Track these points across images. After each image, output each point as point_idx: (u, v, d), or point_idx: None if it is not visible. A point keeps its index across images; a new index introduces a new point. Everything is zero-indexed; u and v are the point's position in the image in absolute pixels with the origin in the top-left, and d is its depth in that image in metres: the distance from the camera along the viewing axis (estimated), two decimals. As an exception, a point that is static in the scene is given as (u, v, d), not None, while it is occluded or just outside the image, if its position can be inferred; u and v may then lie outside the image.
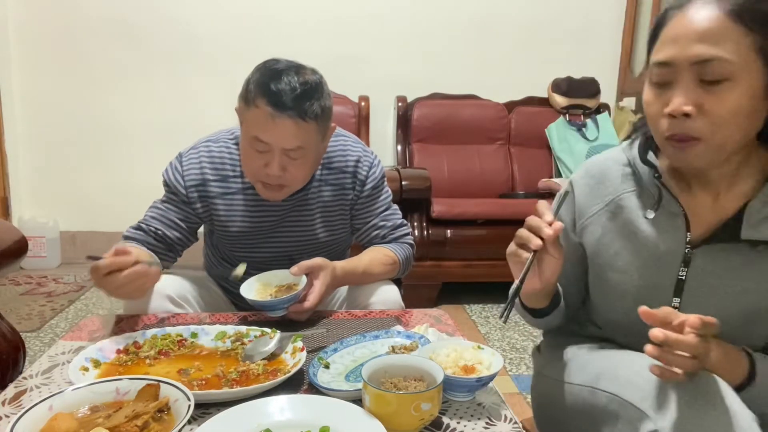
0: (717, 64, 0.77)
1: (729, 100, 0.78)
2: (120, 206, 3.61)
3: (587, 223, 1.00)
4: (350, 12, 3.70)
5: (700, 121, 0.80)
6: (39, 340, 2.52)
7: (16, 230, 1.64)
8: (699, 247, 0.89)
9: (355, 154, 1.41)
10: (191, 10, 3.62)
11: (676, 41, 0.80)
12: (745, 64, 0.77)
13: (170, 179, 1.36)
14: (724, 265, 0.88)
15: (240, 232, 1.38)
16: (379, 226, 1.45)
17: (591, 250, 1.00)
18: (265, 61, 1.27)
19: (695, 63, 0.79)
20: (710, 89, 0.79)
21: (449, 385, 0.89)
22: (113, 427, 0.76)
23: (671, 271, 0.91)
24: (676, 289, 0.91)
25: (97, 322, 1.24)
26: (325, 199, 1.40)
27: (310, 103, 1.20)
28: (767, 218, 0.85)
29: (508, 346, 2.58)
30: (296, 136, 1.21)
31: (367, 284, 1.39)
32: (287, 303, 1.20)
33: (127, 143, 3.72)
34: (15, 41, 3.59)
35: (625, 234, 0.95)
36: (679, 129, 0.81)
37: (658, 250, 0.92)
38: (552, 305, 1.02)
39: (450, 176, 3.49)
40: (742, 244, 0.86)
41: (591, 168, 1.02)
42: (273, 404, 0.85)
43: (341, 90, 3.60)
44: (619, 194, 0.97)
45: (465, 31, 3.78)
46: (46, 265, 3.64)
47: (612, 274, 0.97)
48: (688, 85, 0.80)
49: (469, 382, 0.89)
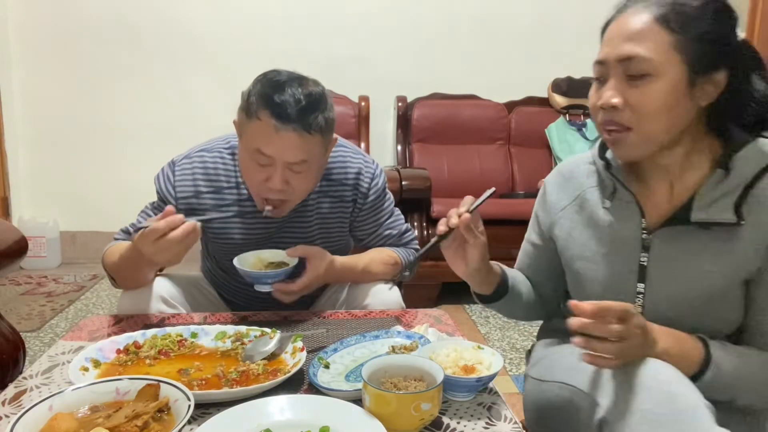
0: (638, 61, 0.86)
1: (650, 94, 0.87)
2: (120, 206, 3.59)
3: (557, 218, 1.08)
4: (350, 12, 3.69)
5: (627, 113, 0.89)
6: (39, 340, 2.52)
7: (16, 230, 1.64)
8: (655, 233, 0.95)
9: (355, 166, 1.38)
10: (191, 10, 3.62)
11: (610, 42, 0.90)
12: (666, 61, 0.86)
13: (161, 188, 1.33)
14: (681, 249, 0.93)
15: (235, 244, 1.34)
16: (385, 236, 1.45)
17: (561, 243, 1.08)
18: (266, 73, 1.23)
19: (621, 60, 0.88)
20: (634, 84, 0.88)
21: (449, 385, 0.89)
22: (113, 427, 0.76)
23: (633, 257, 0.97)
24: (640, 275, 0.97)
25: (97, 322, 1.24)
26: (323, 211, 1.37)
27: (314, 116, 1.17)
28: (716, 201, 0.90)
29: (508, 346, 2.58)
30: (300, 149, 1.18)
31: (367, 283, 1.38)
32: (273, 278, 1.19)
33: (127, 143, 3.72)
34: (15, 41, 3.59)
35: (590, 225, 1.03)
36: (608, 118, 0.91)
37: (618, 238, 0.99)
38: (498, 294, 1.09)
39: (450, 176, 3.49)
40: (696, 228, 0.92)
41: (562, 168, 1.12)
42: (273, 404, 0.85)
43: (341, 90, 3.60)
44: (584, 189, 1.05)
45: (465, 31, 3.78)
46: (46, 265, 3.64)
47: (581, 263, 1.03)
48: (617, 80, 0.89)
49: (469, 382, 0.89)
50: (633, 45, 0.87)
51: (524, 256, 1.20)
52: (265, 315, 1.29)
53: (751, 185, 0.89)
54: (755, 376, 0.90)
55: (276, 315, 1.29)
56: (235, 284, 1.44)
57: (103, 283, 3.35)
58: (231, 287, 1.46)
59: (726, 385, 0.88)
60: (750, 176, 0.89)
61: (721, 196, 0.90)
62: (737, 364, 0.89)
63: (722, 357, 0.88)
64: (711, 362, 0.87)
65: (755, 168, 0.89)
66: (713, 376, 0.87)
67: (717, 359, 0.88)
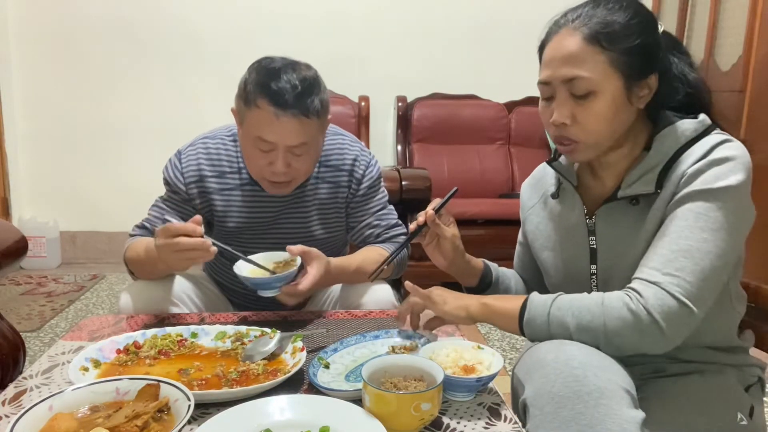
0: (581, 81, 0.93)
1: (595, 110, 0.94)
2: (120, 206, 3.61)
3: (528, 215, 1.19)
4: (350, 12, 3.70)
5: (575, 128, 0.97)
6: (39, 340, 2.52)
7: (16, 230, 1.64)
8: (595, 215, 1.03)
9: (352, 153, 1.42)
10: (191, 10, 3.62)
11: (550, 64, 0.98)
12: (604, 77, 0.93)
13: (170, 177, 1.37)
14: (619, 227, 1.01)
15: (236, 228, 1.38)
16: (374, 225, 1.45)
17: (531, 236, 1.18)
18: (259, 60, 1.27)
19: (564, 81, 0.95)
20: (580, 102, 0.95)
21: (449, 385, 0.89)
22: (113, 427, 0.76)
23: (583, 241, 1.06)
24: (591, 258, 1.05)
25: (97, 322, 1.24)
26: (321, 197, 1.41)
27: (311, 100, 1.21)
28: (639, 178, 0.97)
29: (508, 346, 2.58)
30: (300, 133, 1.22)
31: (360, 283, 1.38)
32: (280, 282, 1.20)
33: (127, 143, 3.72)
34: (15, 41, 3.59)
35: (550, 218, 1.13)
36: (560, 134, 0.99)
37: (569, 225, 1.09)
38: (483, 286, 1.19)
39: (450, 176, 3.49)
40: (626, 205, 0.99)
41: (536, 171, 1.23)
42: (273, 404, 0.86)
43: (341, 90, 3.60)
44: (547, 188, 1.16)
45: (465, 31, 3.79)
46: (46, 265, 3.64)
47: (546, 253, 1.13)
48: (563, 99, 0.96)
49: (469, 382, 0.90)
50: (571, 67, 0.94)
51: (516, 255, 1.28)
52: (265, 315, 1.29)
53: (673, 160, 0.96)
54: (573, 302, 0.93)
55: (276, 315, 1.29)
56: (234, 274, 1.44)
57: (103, 283, 3.35)
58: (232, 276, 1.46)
59: (549, 318, 0.93)
60: (669, 154, 0.96)
61: (644, 173, 0.97)
62: (558, 299, 0.94)
63: (539, 296, 0.96)
64: (527, 300, 0.96)
65: (672, 146, 0.96)
66: (532, 310, 0.94)
67: (533, 297, 0.96)
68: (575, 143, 0.98)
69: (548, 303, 0.94)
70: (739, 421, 0.95)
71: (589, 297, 0.92)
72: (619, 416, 0.79)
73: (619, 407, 0.80)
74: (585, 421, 0.79)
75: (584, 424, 0.79)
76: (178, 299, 1.33)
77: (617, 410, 0.80)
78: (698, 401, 0.95)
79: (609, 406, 0.80)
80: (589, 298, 0.92)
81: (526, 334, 0.96)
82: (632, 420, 0.80)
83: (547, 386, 0.84)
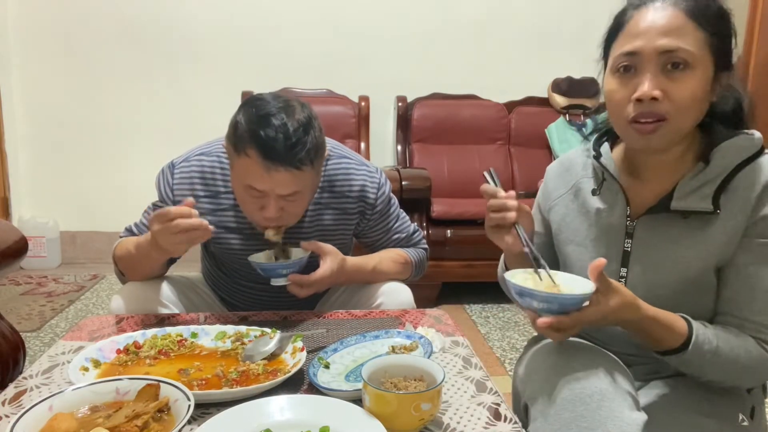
0: (680, 53, 0.89)
1: (689, 86, 0.89)
2: (120, 206, 3.61)
3: (554, 204, 1.14)
4: (351, 12, 3.70)
5: (666, 104, 0.90)
6: (39, 340, 2.52)
7: (16, 230, 1.64)
8: (638, 220, 1.00)
9: (359, 178, 1.36)
10: (192, 10, 3.62)
11: (643, 34, 0.91)
12: (700, 55, 0.89)
13: (160, 189, 1.33)
14: (661, 235, 0.98)
15: (232, 249, 1.34)
16: (394, 240, 1.45)
17: (555, 227, 1.13)
18: (251, 100, 1.19)
19: (661, 53, 0.89)
20: (673, 76, 0.90)
21: (559, 304, 0.83)
22: (113, 427, 0.76)
23: (618, 242, 1.02)
24: (623, 260, 1.02)
25: (97, 322, 1.24)
26: (324, 223, 1.35)
27: (305, 151, 1.14)
28: (695, 191, 0.94)
29: (508, 346, 2.58)
30: (292, 184, 1.16)
31: (379, 283, 1.37)
32: (288, 269, 1.21)
33: (127, 143, 3.72)
34: (15, 41, 3.59)
35: (582, 212, 1.08)
36: (646, 109, 0.91)
37: (605, 224, 1.04)
38: None
39: (450, 176, 3.49)
40: (675, 216, 0.96)
41: (563, 159, 1.18)
42: (273, 404, 0.85)
43: (341, 90, 3.60)
44: (579, 179, 1.11)
45: (465, 31, 3.79)
46: (46, 265, 3.64)
47: (571, 247, 1.09)
48: (655, 72, 0.90)
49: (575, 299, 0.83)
50: (674, 38, 0.89)
51: None
52: (265, 315, 1.29)
53: (729, 178, 0.93)
54: (728, 355, 0.91)
55: (276, 315, 1.29)
56: (235, 286, 1.44)
57: (103, 283, 3.35)
58: (230, 288, 1.46)
59: (703, 361, 0.90)
60: (728, 169, 0.93)
61: (700, 186, 0.94)
62: (715, 342, 0.90)
63: (702, 331, 0.91)
64: (693, 335, 0.89)
65: (733, 161, 0.93)
66: (694, 350, 0.89)
67: (698, 332, 0.90)
68: (661, 122, 0.91)
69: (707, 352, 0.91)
70: (741, 422, 0.95)
71: (739, 347, 0.91)
72: (621, 419, 0.79)
73: (620, 410, 0.80)
74: (586, 424, 0.79)
75: (585, 426, 0.79)
76: (170, 302, 1.31)
77: (619, 413, 0.80)
78: (699, 402, 0.95)
79: (611, 408, 0.80)
80: (739, 348, 0.91)
81: (669, 360, 0.92)
82: (634, 423, 0.80)
83: (548, 388, 0.84)
